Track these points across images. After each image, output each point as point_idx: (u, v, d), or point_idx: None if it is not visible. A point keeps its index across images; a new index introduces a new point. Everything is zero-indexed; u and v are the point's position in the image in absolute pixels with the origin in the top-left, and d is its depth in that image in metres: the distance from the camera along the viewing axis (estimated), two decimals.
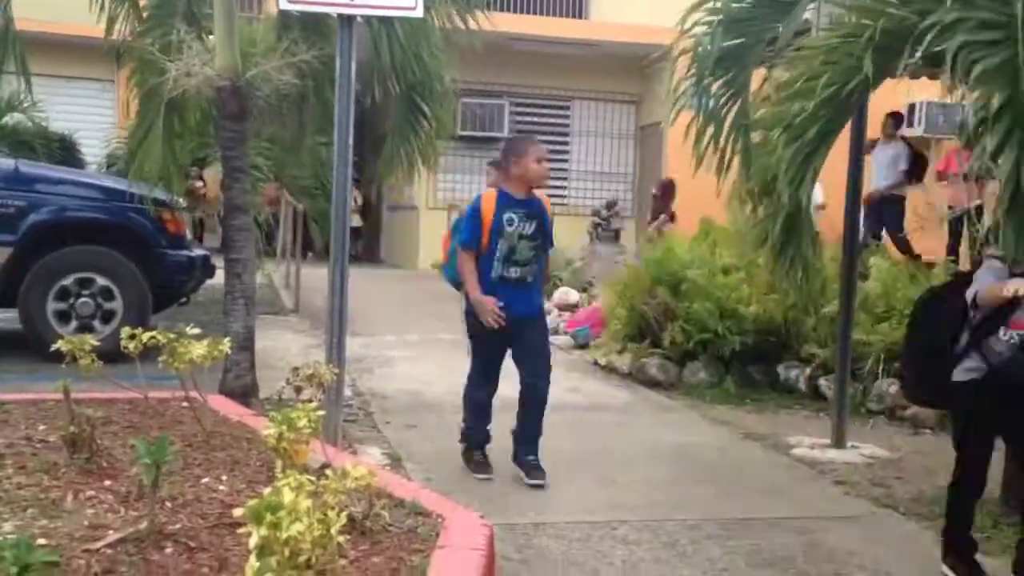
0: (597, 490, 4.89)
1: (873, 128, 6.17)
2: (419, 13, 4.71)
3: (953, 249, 11.04)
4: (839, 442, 5.88)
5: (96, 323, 7.18)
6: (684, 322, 7.51)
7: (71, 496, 2.75)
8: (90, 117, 15.34)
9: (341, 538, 2.01)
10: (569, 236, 13.22)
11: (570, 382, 7.59)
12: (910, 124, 14.86)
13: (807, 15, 5.40)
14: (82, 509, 2.65)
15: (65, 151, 14.10)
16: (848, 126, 5.44)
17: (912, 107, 14.67)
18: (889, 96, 10.67)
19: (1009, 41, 3.77)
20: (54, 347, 3.51)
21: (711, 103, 5.01)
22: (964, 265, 9.66)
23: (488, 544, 2.68)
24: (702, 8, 4.93)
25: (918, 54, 4.04)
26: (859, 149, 5.89)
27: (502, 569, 3.59)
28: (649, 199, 14.83)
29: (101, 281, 7.28)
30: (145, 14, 6.12)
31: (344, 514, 2.07)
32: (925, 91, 12.60)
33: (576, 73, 14.96)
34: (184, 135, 6.53)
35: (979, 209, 4.40)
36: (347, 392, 5.99)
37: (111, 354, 3.71)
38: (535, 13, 15.96)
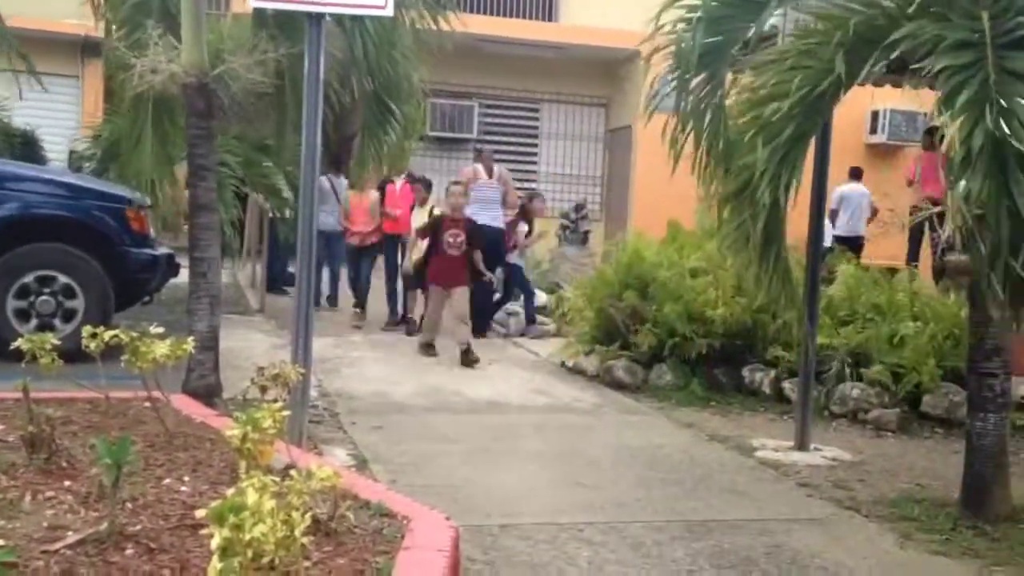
0: (563, 491, 4.90)
1: (837, 134, 6.22)
2: (389, 12, 4.69)
3: (914, 255, 11.21)
4: (802, 445, 5.93)
5: (57, 321, 7.07)
6: (652, 325, 7.55)
7: (30, 496, 2.71)
8: (53, 113, 15.12)
9: (305, 539, 1.99)
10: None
11: (537, 384, 7.60)
12: (873, 131, 15.09)
13: (774, 20, 5.46)
14: (41, 510, 2.61)
15: (27, 147, 13.88)
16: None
17: (876, 114, 14.89)
18: (854, 103, 10.84)
19: (981, 62, 3.84)
20: (13, 345, 3.46)
21: (691, 100, 5.04)
22: (925, 270, 9.81)
23: (453, 546, 2.67)
24: (678, 5, 4.96)
25: (892, 56, 4.10)
26: (825, 156, 5.95)
27: (467, 571, 3.59)
28: (618, 201, 14.92)
29: (62, 279, 7.16)
30: (121, 13, 6.06)
31: (308, 515, 2.05)
32: (888, 98, 12.80)
33: (545, 76, 15.00)
34: (174, 134, 6.48)
35: (941, 216, 4.47)
36: (313, 392, 5.96)
37: (72, 353, 3.66)
38: (505, 15, 15.98)
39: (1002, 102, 3.74)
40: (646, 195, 13.50)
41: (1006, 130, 3.69)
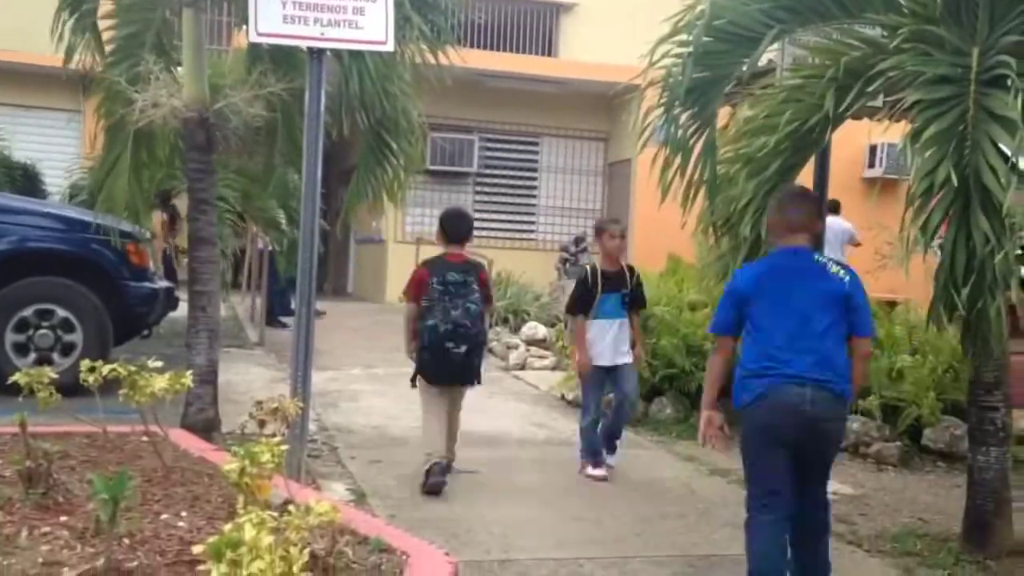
0: (563, 526, 4.86)
1: (835, 168, 6.25)
2: (390, 47, 4.72)
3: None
4: None
5: (55, 355, 7.06)
6: (651, 358, 7.53)
7: (26, 532, 2.68)
8: (54, 147, 15.21)
9: None
10: (537, 271, 13.30)
11: (537, 417, 7.57)
12: (871, 165, 15.15)
13: (772, 56, 5.50)
14: (37, 545, 2.59)
15: (28, 181, 13.96)
16: (812, 166, 5.54)
17: (873, 148, 14.95)
18: (852, 137, 10.89)
19: (961, 97, 3.88)
20: (11, 379, 3.44)
21: (679, 133, 5.07)
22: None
23: None
24: (671, 40, 5.00)
25: (871, 89, 4.15)
26: (823, 189, 5.97)
27: None
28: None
29: (61, 313, 7.17)
30: (113, 45, 6.09)
31: (306, 551, 2.03)
32: (886, 133, 12.85)
33: (545, 110, 15.09)
34: (152, 167, 6.49)
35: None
36: (312, 427, 5.93)
37: (70, 387, 3.64)
38: (505, 50, 16.12)
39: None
40: (646, 228, 13.53)
41: (986, 161, 3.74)
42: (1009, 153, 3.79)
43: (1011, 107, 3.79)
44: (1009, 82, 3.86)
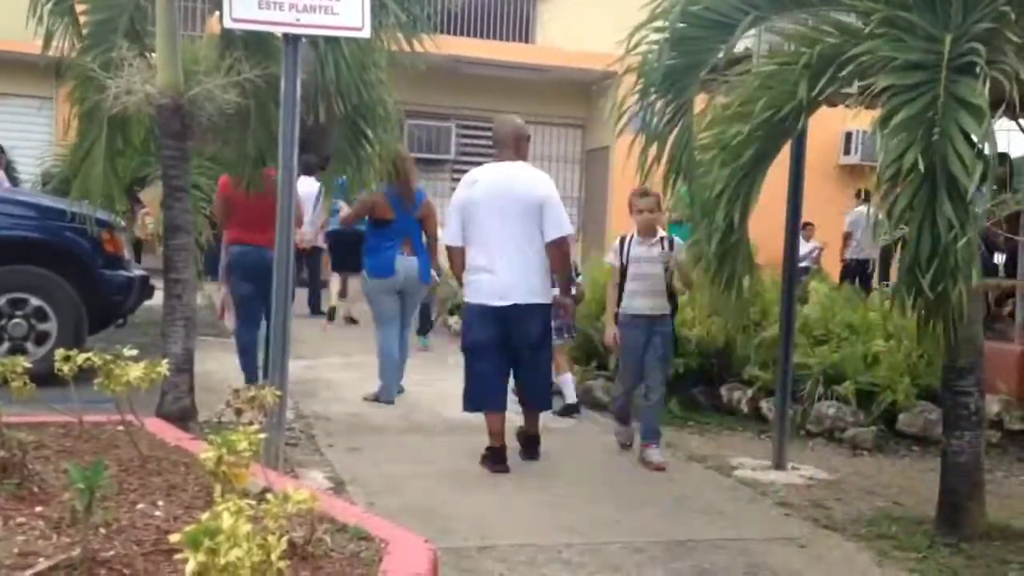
0: (542, 513, 4.88)
1: (811, 155, 6.28)
2: (366, 33, 4.70)
3: (884, 275, 11.36)
4: (780, 464, 5.95)
5: (29, 345, 6.99)
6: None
7: (1, 522, 2.66)
8: (26, 134, 15.04)
9: (281, 564, 1.97)
10: None
11: (514, 404, 7.57)
12: (847, 152, 15.26)
13: (748, 42, 5.52)
14: (12, 536, 2.57)
15: None
16: (788, 152, 5.57)
17: (849, 135, 15.06)
18: (827, 124, 10.96)
19: (932, 83, 3.91)
20: None
21: (655, 120, 5.07)
22: None
23: (432, 568, 2.65)
24: (648, 27, 5.00)
25: (843, 74, 4.18)
26: (799, 176, 6.00)
27: None
28: (596, 222, 14.93)
29: (35, 301, 7.09)
30: (86, 31, 6.01)
31: (285, 539, 2.03)
32: (862, 119, 12.95)
33: (523, 97, 15.08)
34: (127, 153, 6.41)
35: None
36: (289, 415, 5.91)
37: (44, 377, 3.61)
38: (482, 37, 16.09)
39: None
40: (623, 216, 13.50)
41: (953, 148, 3.77)
42: (976, 140, 3.83)
43: (979, 94, 3.82)
44: (978, 69, 3.89)
